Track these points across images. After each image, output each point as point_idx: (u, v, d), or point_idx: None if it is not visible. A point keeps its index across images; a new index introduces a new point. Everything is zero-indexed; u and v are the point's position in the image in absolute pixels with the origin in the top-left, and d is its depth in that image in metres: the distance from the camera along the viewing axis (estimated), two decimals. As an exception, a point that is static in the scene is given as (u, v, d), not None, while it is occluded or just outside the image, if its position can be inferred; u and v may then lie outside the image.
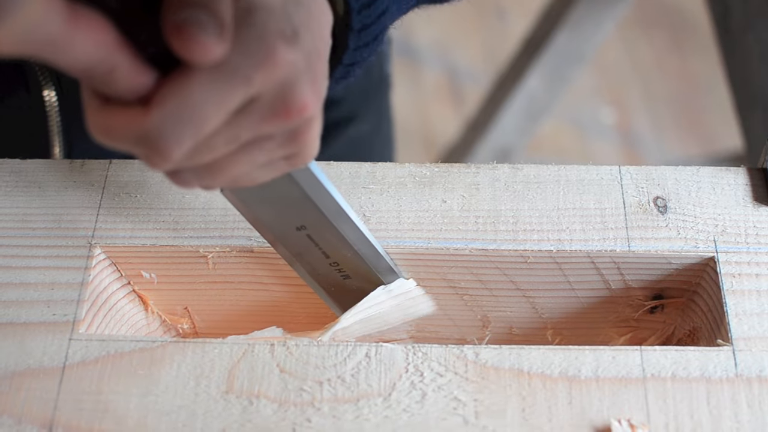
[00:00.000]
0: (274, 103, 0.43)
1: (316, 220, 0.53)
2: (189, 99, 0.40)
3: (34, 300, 0.55)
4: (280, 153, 0.45)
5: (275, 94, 0.43)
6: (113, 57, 0.39)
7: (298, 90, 0.43)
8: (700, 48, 2.10)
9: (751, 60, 1.10)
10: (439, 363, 0.52)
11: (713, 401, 0.50)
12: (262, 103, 0.43)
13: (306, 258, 0.56)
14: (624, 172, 0.60)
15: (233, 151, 0.44)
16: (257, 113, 0.43)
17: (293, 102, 0.43)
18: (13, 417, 0.50)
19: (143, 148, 0.42)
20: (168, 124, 0.40)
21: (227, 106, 0.41)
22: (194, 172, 0.45)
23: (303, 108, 0.43)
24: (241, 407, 0.51)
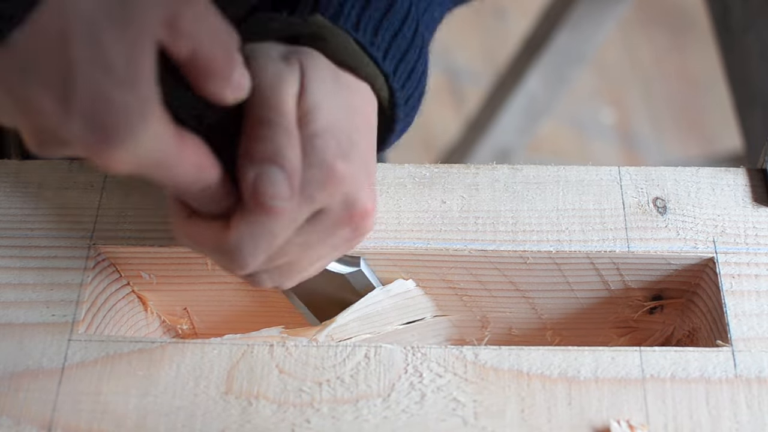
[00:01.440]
0: (339, 214, 0.48)
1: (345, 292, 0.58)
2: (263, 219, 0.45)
3: (33, 301, 0.55)
4: (341, 245, 0.50)
5: (340, 206, 0.48)
6: (209, 177, 0.44)
7: (360, 198, 0.48)
8: (700, 48, 2.10)
9: (751, 60, 1.10)
10: (439, 364, 0.52)
11: (712, 402, 0.50)
12: (328, 215, 0.48)
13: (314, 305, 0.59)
14: (623, 173, 0.60)
15: (304, 255, 0.49)
16: (325, 223, 0.48)
17: (356, 210, 0.48)
18: (12, 418, 0.50)
19: (223, 258, 0.47)
20: (245, 242, 0.46)
21: (295, 224, 0.46)
22: (268, 274, 0.50)
23: (365, 214, 0.49)
24: (240, 408, 0.51)
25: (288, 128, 0.45)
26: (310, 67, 0.47)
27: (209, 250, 0.47)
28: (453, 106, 2.04)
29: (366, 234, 0.50)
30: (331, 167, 0.46)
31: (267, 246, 0.46)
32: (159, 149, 0.41)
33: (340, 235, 0.49)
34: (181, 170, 0.43)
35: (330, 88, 0.48)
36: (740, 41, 1.13)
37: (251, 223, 0.45)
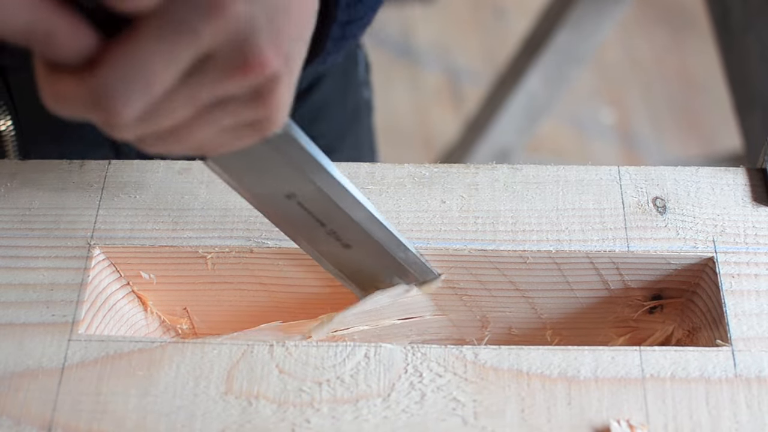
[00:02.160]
0: (229, 59, 0.40)
1: (303, 187, 0.51)
2: (134, 55, 0.39)
3: (33, 301, 0.55)
4: (245, 116, 0.43)
5: (231, 50, 0.40)
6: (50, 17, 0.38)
7: (256, 44, 0.40)
8: (700, 48, 2.10)
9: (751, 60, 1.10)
10: (438, 363, 0.52)
11: (712, 401, 0.50)
12: (217, 60, 0.40)
13: (301, 228, 0.54)
14: (623, 173, 0.60)
15: (194, 114, 0.42)
16: (213, 71, 0.41)
17: (250, 57, 0.40)
18: (12, 418, 0.50)
19: (95, 111, 0.40)
20: (115, 83, 0.39)
21: (176, 62, 0.39)
22: (157, 137, 0.43)
23: (262, 64, 0.41)
24: (240, 408, 0.51)
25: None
26: None
27: (78, 104, 0.40)
28: (453, 106, 2.04)
29: (271, 104, 0.43)
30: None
31: (141, 87, 0.39)
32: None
33: (234, 95, 0.42)
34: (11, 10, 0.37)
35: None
36: (740, 41, 1.13)
37: (120, 54, 0.39)
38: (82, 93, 0.40)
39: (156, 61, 0.39)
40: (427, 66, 2.09)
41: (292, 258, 0.58)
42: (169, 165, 0.61)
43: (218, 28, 0.39)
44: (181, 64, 0.40)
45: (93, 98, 0.40)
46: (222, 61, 0.40)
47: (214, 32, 0.39)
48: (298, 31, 0.43)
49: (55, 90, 0.40)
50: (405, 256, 0.56)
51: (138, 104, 0.40)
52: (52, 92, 0.41)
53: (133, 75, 0.39)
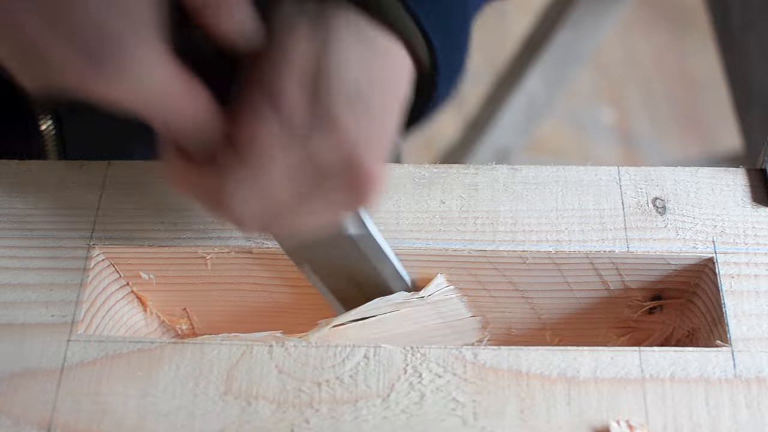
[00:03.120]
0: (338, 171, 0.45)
1: (357, 261, 0.55)
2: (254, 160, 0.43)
3: (32, 301, 0.55)
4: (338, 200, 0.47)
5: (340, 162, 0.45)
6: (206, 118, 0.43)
7: (364, 160, 0.45)
8: (700, 48, 2.10)
9: (751, 60, 1.10)
10: (438, 364, 0.52)
11: (712, 402, 0.50)
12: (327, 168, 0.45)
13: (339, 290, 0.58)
14: (623, 173, 0.60)
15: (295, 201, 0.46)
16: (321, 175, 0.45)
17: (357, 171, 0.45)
18: (11, 418, 0.50)
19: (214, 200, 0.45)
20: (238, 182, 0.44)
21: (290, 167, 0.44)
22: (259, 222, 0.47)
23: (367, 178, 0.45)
24: (239, 408, 0.51)
25: (295, 76, 0.43)
26: (335, 26, 0.45)
27: (200, 194, 0.46)
28: (452, 106, 2.04)
29: (370, 196, 0.47)
30: (332, 110, 0.43)
31: (260, 190, 0.44)
32: (154, 81, 0.40)
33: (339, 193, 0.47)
34: (179, 110, 0.42)
35: (353, 48, 0.45)
36: (740, 41, 1.13)
37: (246, 168, 0.44)
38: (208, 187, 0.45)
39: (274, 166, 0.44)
40: (427, 66, 2.09)
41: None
42: (169, 165, 0.61)
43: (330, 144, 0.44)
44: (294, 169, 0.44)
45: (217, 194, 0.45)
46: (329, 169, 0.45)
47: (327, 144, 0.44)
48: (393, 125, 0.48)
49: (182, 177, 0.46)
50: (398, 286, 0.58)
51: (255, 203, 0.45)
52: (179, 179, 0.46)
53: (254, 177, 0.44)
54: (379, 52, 0.47)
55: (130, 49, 0.38)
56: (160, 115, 0.42)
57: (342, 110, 0.44)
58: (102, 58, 0.38)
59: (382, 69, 0.46)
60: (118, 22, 0.38)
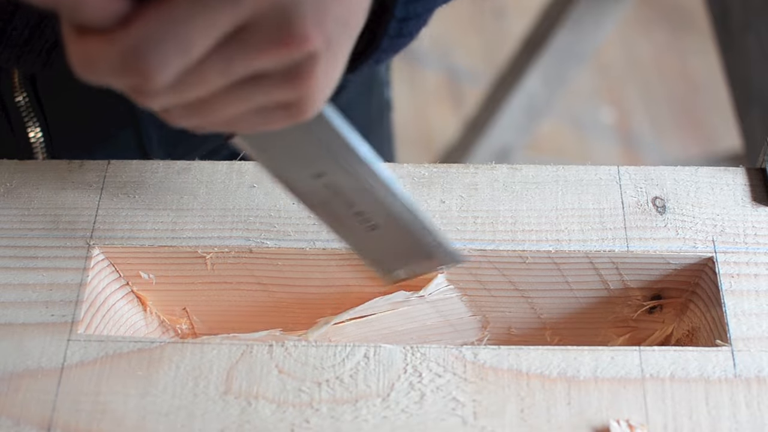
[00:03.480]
0: (269, 31, 0.39)
1: (333, 168, 0.49)
2: (172, 16, 0.37)
3: (32, 301, 0.55)
4: (278, 96, 0.41)
5: (272, 21, 0.38)
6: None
7: (299, 19, 0.39)
8: (700, 48, 2.10)
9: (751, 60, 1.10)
10: (438, 363, 0.52)
11: (712, 401, 0.50)
12: (256, 31, 0.39)
13: (327, 207, 0.52)
14: (623, 173, 0.60)
15: (227, 86, 0.41)
16: (251, 41, 0.39)
17: (291, 31, 0.39)
18: (11, 418, 0.50)
19: (126, 73, 0.38)
20: (150, 42, 0.37)
21: (215, 27, 0.38)
22: (185, 109, 0.42)
23: (302, 39, 0.39)
24: (239, 408, 0.51)
25: None
26: None
27: (109, 67, 0.38)
28: (452, 106, 2.04)
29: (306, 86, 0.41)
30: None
31: (178, 49, 0.38)
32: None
33: (270, 68, 0.40)
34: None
35: None
36: (740, 41, 1.13)
37: (157, 12, 0.37)
38: (113, 54, 0.38)
39: (194, 24, 0.37)
40: (427, 66, 2.09)
41: (292, 258, 0.58)
42: (169, 165, 0.61)
43: None
44: (220, 30, 0.38)
45: (125, 59, 0.38)
46: (261, 32, 0.39)
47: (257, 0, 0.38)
48: (346, 15, 0.41)
49: (84, 53, 0.38)
50: (431, 240, 0.54)
51: (172, 68, 0.38)
52: (80, 56, 0.38)
53: (170, 36, 0.37)
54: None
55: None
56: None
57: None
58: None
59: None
60: None
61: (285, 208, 0.59)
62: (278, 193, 0.60)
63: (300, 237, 0.58)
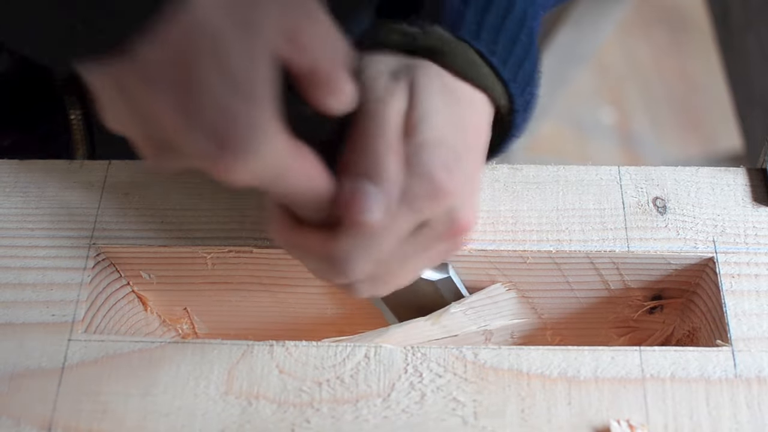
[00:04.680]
0: (441, 228, 0.48)
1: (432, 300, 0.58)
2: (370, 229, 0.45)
3: (32, 300, 0.55)
4: (436, 258, 0.50)
5: (442, 220, 0.47)
6: (320, 189, 0.44)
7: (462, 213, 0.48)
8: (700, 48, 2.10)
9: (750, 60, 1.10)
10: (438, 364, 0.52)
11: (712, 402, 0.50)
12: (430, 227, 0.48)
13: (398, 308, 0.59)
14: (623, 173, 0.60)
15: (403, 265, 0.49)
16: (427, 235, 0.48)
17: (458, 225, 0.48)
18: (12, 418, 0.50)
19: (328, 267, 0.47)
20: (352, 251, 0.46)
21: (401, 234, 0.46)
22: (365, 284, 0.49)
23: (465, 228, 0.48)
24: (240, 408, 0.51)
25: (389, 142, 0.45)
26: (422, 83, 0.47)
27: (313, 258, 0.47)
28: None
29: (460, 247, 0.51)
30: (436, 180, 0.46)
31: (372, 256, 0.46)
32: (278, 161, 0.41)
33: (440, 248, 0.49)
34: (295, 181, 0.43)
35: (440, 102, 0.47)
36: (740, 41, 1.13)
37: (360, 233, 0.45)
38: (321, 251, 0.46)
39: (386, 236, 0.46)
40: (427, 66, 2.09)
41: (293, 258, 0.58)
42: (169, 165, 0.61)
43: (437, 205, 0.46)
44: (404, 235, 0.47)
45: (330, 258, 0.46)
46: (434, 228, 0.48)
47: (433, 209, 0.46)
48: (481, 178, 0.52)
49: (295, 241, 0.47)
50: None
51: (367, 268, 0.47)
52: (292, 243, 0.47)
53: (368, 246, 0.46)
54: (466, 105, 0.49)
55: (255, 130, 0.39)
56: (281, 188, 0.43)
57: (444, 176, 0.46)
58: (229, 140, 0.39)
59: (471, 124, 0.48)
60: (244, 104, 0.38)
61: (285, 208, 0.59)
62: (279, 193, 0.60)
63: (300, 237, 0.58)
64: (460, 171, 0.47)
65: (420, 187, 0.45)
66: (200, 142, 0.39)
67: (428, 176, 0.45)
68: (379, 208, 0.44)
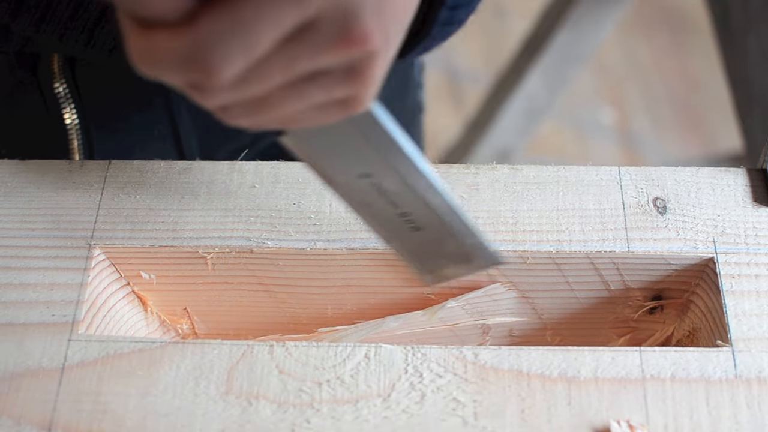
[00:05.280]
0: (332, 30, 0.39)
1: (380, 168, 0.49)
2: (240, 13, 0.37)
3: (33, 301, 0.55)
4: (336, 92, 0.42)
5: (335, 20, 0.39)
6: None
7: (361, 18, 0.39)
8: (700, 48, 2.10)
9: (751, 60, 1.10)
10: (439, 364, 0.52)
11: (712, 402, 0.50)
12: (320, 29, 0.39)
13: (372, 208, 0.52)
14: (623, 173, 0.60)
15: (287, 84, 0.41)
16: (314, 39, 0.39)
17: (354, 30, 0.39)
18: (12, 418, 0.50)
19: (190, 68, 0.38)
20: (216, 39, 0.37)
21: (280, 25, 0.38)
22: (244, 107, 0.42)
23: (364, 38, 0.39)
24: (240, 408, 0.51)
25: None
26: None
27: (172, 62, 0.38)
28: (453, 106, 2.04)
29: (364, 82, 0.41)
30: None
31: (243, 46, 0.38)
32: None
33: (330, 69, 0.40)
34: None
35: None
36: (740, 42, 1.13)
37: (225, 9, 0.37)
38: (178, 49, 0.38)
39: (260, 21, 0.37)
40: (428, 65, 2.09)
41: (293, 258, 0.58)
42: (170, 165, 0.61)
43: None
44: (285, 28, 0.38)
45: (190, 55, 0.38)
46: (324, 30, 0.39)
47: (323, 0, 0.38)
48: (402, 12, 0.42)
49: (146, 47, 0.38)
50: (473, 241, 0.53)
51: (235, 65, 0.38)
52: (142, 50, 0.38)
53: (236, 32, 0.37)
54: None
55: None
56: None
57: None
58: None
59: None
60: None
61: (286, 208, 0.59)
62: (279, 193, 0.60)
63: (301, 237, 0.58)
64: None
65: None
66: None
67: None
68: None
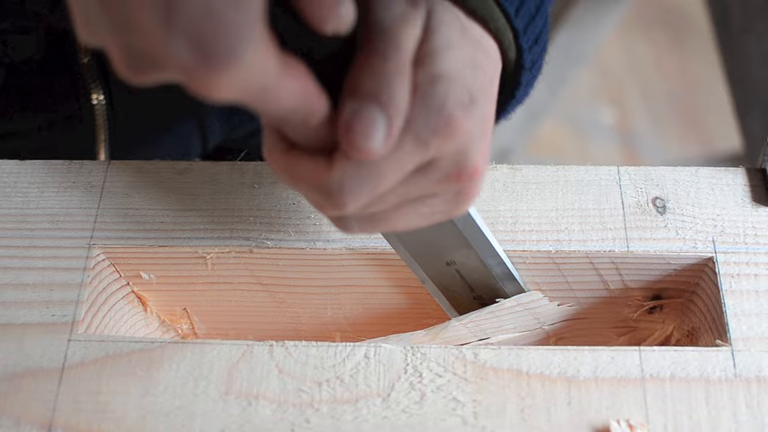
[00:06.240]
0: (449, 169, 0.44)
1: (467, 257, 0.55)
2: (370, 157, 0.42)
3: (32, 301, 0.55)
4: (443, 207, 0.47)
5: (451, 162, 0.44)
6: (313, 107, 0.41)
7: (472, 156, 0.44)
8: (700, 48, 2.10)
9: (750, 60, 1.10)
10: (438, 363, 0.52)
11: (712, 401, 0.50)
12: (437, 168, 0.44)
13: (451, 290, 0.57)
14: (623, 173, 0.60)
15: (402, 204, 0.46)
16: (432, 177, 0.45)
17: (466, 168, 0.45)
18: (12, 418, 0.50)
19: (321, 196, 0.44)
20: (348, 181, 0.42)
21: (404, 169, 0.43)
22: (360, 221, 0.47)
23: (474, 173, 0.45)
24: (240, 408, 0.51)
25: (400, 65, 0.42)
26: (440, 13, 0.44)
27: (307, 186, 0.44)
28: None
29: (470, 200, 0.47)
30: (450, 115, 0.42)
31: (370, 188, 0.43)
32: (263, 74, 0.38)
33: (443, 194, 0.46)
34: (283, 97, 0.39)
35: (456, 37, 0.44)
36: (739, 42, 1.13)
37: (359, 163, 0.42)
38: (315, 179, 0.43)
39: (387, 166, 0.42)
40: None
41: (293, 258, 0.58)
42: (170, 165, 0.61)
43: (446, 143, 0.43)
44: (408, 170, 0.44)
45: (324, 187, 0.43)
46: (442, 168, 0.44)
47: (442, 146, 0.43)
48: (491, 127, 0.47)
49: (289, 168, 0.43)
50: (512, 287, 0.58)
51: (363, 201, 0.43)
52: (285, 169, 0.44)
53: (366, 177, 0.42)
54: (480, 47, 0.46)
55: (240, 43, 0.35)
56: (267, 105, 0.40)
57: (459, 113, 0.43)
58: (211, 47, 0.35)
59: (484, 67, 0.46)
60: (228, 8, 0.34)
61: (285, 208, 0.59)
62: (279, 193, 0.60)
63: (300, 237, 0.58)
64: (475, 111, 0.44)
65: (430, 120, 0.42)
66: (179, 49, 0.35)
67: (441, 110, 0.42)
68: (381, 134, 0.41)
